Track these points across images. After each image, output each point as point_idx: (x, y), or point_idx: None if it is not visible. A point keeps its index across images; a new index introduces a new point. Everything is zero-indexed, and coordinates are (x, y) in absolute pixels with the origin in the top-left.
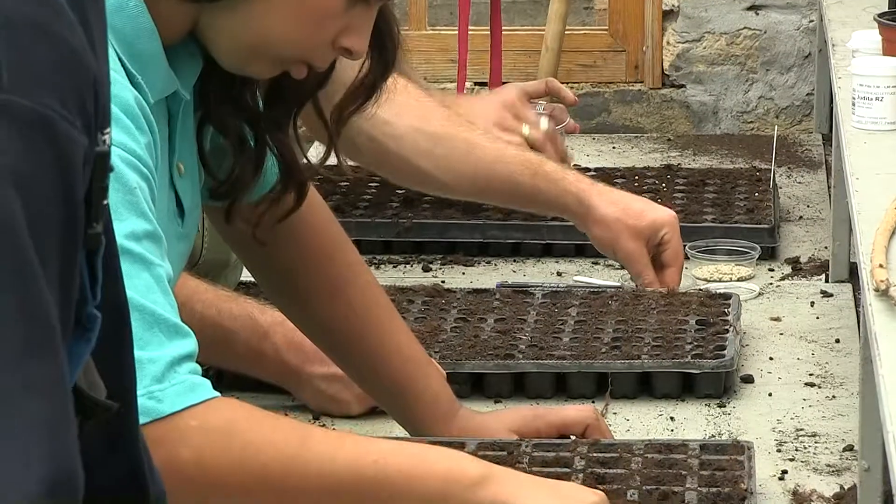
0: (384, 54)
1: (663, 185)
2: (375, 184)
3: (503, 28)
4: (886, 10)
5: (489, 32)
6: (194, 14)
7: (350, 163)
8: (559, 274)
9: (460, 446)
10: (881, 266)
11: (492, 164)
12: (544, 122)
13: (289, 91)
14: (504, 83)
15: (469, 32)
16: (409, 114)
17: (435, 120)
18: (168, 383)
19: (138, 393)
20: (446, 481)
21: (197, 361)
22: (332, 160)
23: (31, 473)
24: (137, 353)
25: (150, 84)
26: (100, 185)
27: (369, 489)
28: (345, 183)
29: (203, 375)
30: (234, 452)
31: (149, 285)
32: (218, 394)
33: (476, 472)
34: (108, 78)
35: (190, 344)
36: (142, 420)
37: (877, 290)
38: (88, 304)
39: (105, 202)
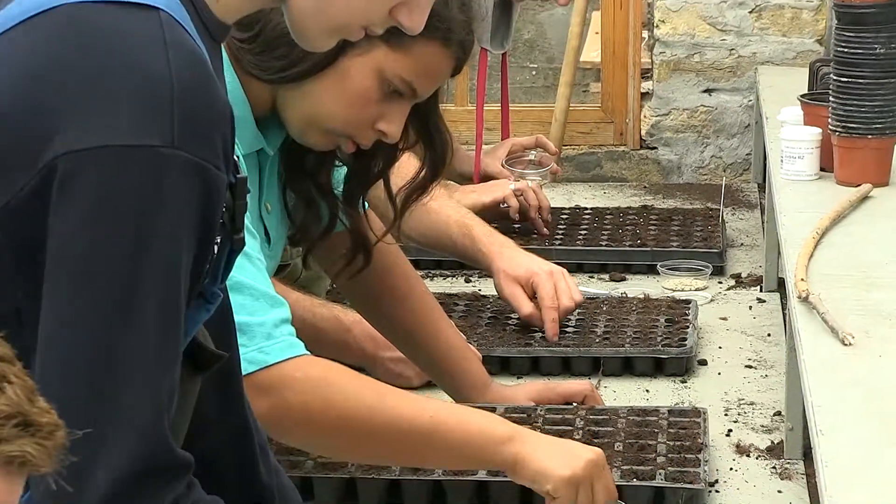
0: (437, 156)
1: (641, 220)
2: None
3: (524, 106)
4: (807, 92)
5: (500, 106)
6: (273, 91)
7: None
8: None
9: (492, 409)
10: (802, 280)
11: (440, 226)
12: (534, 178)
13: (361, 175)
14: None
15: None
16: None
17: None
18: (274, 340)
19: (251, 348)
20: (482, 436)
21: None
22: None
23: (123, 452)
24: (248, 319)
25: (241, 139)
26: (241, 202)
27: (424, 437)
28: None
29: None
30: (329, 398)
31: (252, 271)
32: (310, 353)
33: (504, 432)
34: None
35: (286, 311)
36: (253, 369)
37: (799, 297)
38: (216, 285)
39: (245, 214)
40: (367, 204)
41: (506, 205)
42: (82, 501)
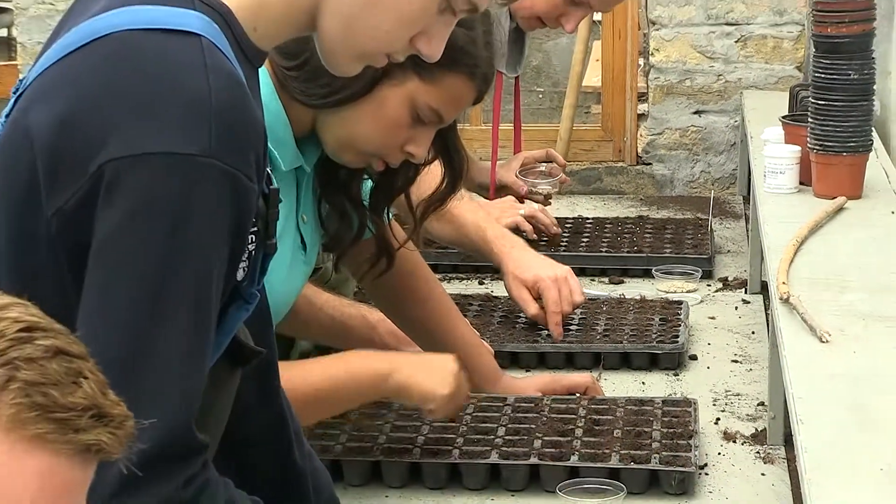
0: (455, 173)
1: (637, 229)
2: None
3: (531, 126)
4: (787, 113)
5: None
6: (313, 114)
7: None
8: None
9: (503, 400)
10: (783, 283)
11: (458, 228)
12: (545, 187)
13: (385, 188)
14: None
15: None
16: None
17: None
18: None
19: None
20: (370, 380)
21: (325, 346)
22: None
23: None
24: None
25: (282, 157)
26: (274, 211)
27: (331, 397)
28: None
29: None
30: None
31: None
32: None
33: (383, 369)
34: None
35: None
36: None
37: (780, 298)
38: (254, 286)
39: (277, 221)
40: (390, 214)
41: (523, 231)
42: (106, 476)
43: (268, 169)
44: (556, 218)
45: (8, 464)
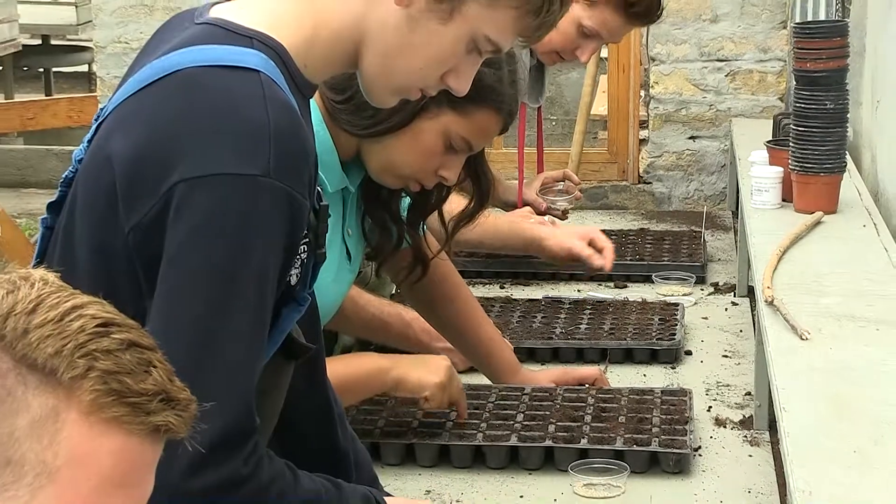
0: (482, 193)
1: (639, 239)
2: None
3: (546, 149)
4: (771, 139)
5: (536, 148)
6: (357, 141)
7: None
8: (578, 290)
9: (521, 390)
10: (768, 287)
11: (490, 226)
12: (563, 203)
13: (421, 206)
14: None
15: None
16: None
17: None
18: None
19: None
20: (372, 375)
21: (365, 340)
22: None
23: (218, 419)
24: None
25: (329, 180)
26: (324, 224)
27: (344, 391)
28: None
29: (369, 349)
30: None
31: None
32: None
33: (384, 365)
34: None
35: None
36: None
37: (765, 301)
38: (305, 290)
39: (327, 234)
40: (425, 228)
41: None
42: (177, 459)
43: (318, 187)
44: None
45: (87, 443)
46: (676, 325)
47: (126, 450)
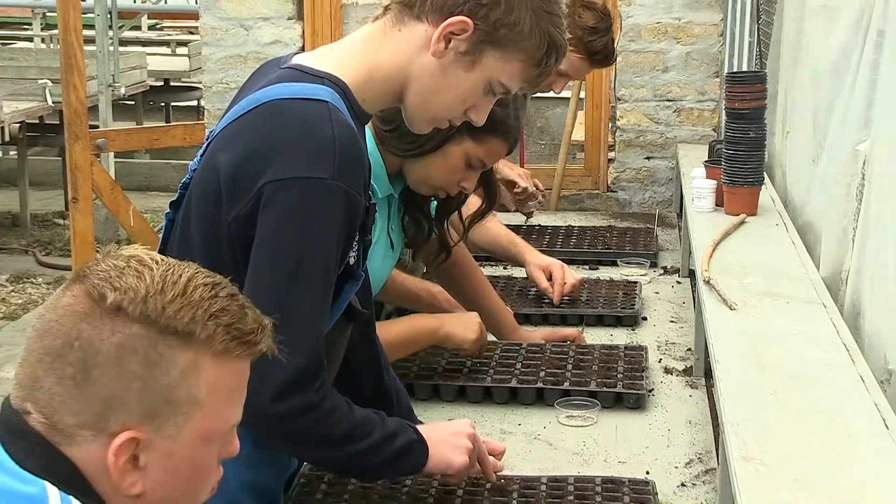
0: (491, 200)
1: (608, 233)
2: None
3: (538, 166)
4: (707, 159)
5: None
6: (400, 161)
7: None
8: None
9: (519, 345)
10: (705, 270)
11: (494, 237)
12: (531, 206)
13: (445, 208)
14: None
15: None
16: None
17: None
18: None
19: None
20: (428, 332)
21: (402, 308)
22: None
23: (291, 363)
24: None
25: (379, 188)
26: (372, 218)
27: (406, 345)
28: None
29: (406, 313)
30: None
31: None
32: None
33: (435, 324)
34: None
35: None
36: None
37: (704, 280)
38: (360, 268)
39: (374, 226)
40: (448, 224)
41: (515, 189)
42: (267, 385)
43: (370, 192)
44: (554, 227)
45: (219, 375)
46: (636, 297)
47: (242, 373)
